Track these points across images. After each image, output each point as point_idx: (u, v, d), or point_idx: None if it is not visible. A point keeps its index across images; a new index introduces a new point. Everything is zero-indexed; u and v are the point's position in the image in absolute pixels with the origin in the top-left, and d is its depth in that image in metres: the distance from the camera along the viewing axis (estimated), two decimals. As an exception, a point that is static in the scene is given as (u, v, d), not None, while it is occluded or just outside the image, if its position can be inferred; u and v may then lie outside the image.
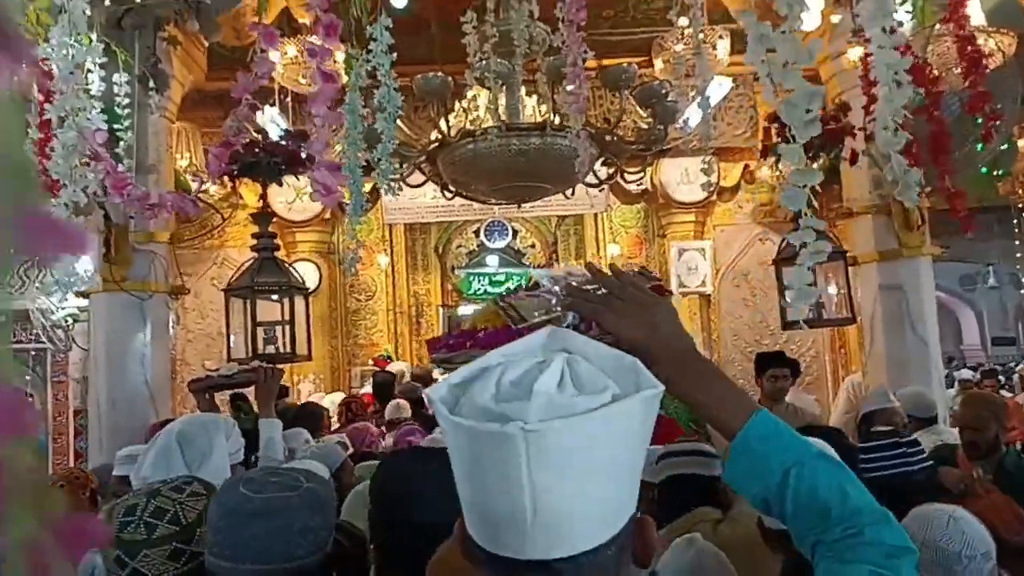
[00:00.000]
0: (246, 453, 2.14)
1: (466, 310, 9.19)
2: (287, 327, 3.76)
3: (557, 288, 1.22)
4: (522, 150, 3.40)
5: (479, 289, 8.72)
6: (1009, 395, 8.02)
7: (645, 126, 3.93)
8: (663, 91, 3.31)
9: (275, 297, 3.81)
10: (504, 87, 3.39)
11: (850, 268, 4.09)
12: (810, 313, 3.81)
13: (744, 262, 8.11)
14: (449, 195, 4.55)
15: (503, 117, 3.35)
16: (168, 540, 1.33)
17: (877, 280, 4.11)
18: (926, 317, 4.07)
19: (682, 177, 7.61)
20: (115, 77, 2.82)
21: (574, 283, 1.15)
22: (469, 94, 4.38)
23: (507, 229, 8.72)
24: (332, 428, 4.44)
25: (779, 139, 3.76)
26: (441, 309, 8.75)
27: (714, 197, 7.66)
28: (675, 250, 7.86)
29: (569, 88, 2.61)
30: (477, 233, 8.74)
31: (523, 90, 3.69)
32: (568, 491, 0.66)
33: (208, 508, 1.31)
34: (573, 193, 4.29)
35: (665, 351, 0.95)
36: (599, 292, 1.03)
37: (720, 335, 8.05)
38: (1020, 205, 6.24)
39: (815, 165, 3.89)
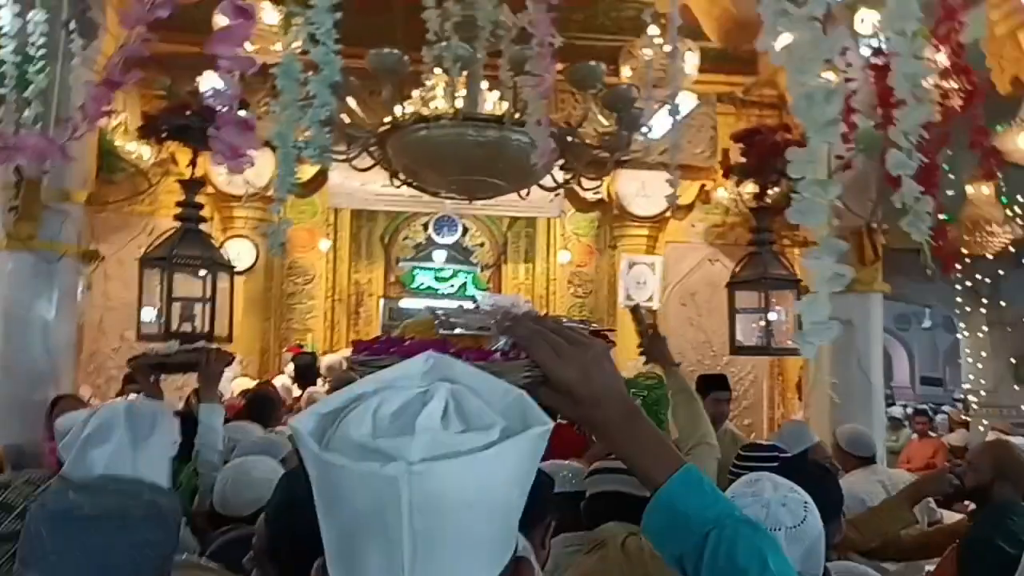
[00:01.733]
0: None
1: (408, 303, 8.95)
2: (207, 305, 3.48)
3: (497, 314, 1.16)
4: (478, 142, 3.20)
5: (423, 283, 8.49)
6: (934, 435, 8.19)
7: (608, 132, 3.79)
8: (631, 96, 3.15)
9: (201, 273, 3.52)
10: (465, 74, 3.18)
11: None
12: (758, 340, 3.71)
13: (692, 281, 8.05)
14: (398, 183, 4.32)
15: (460, 105, 3.14)
16: (10, 539, 1.20)
17: (827, 312, 4.04)
18: (872, 354, 4.01)
19: (639, 190, 7.52)
20: (31, 15, 2.52)
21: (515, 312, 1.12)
22: (428, 83, 4.17)
23: (457, 225, 8.51)
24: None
25: (743, 159, 3.65)
26: (382, 300, 8.48)
27: (668, 213, 7.60)
28: (625, 263, 7.76)
29: (533, 71, 2.42)
30: (426, 226, 8.50)
31: (485, 83, 3.49)
32: (450, 537, 0.63)
33: (29, 513, 1.12)
34: (528, 194, 4.12)
35: (595, 392, 0.91)
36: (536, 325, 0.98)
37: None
38: (964, 251, 6.28)
39: (774, 191, 3.80)
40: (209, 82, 4.49)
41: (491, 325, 1.07)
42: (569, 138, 3.40)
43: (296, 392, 5.51)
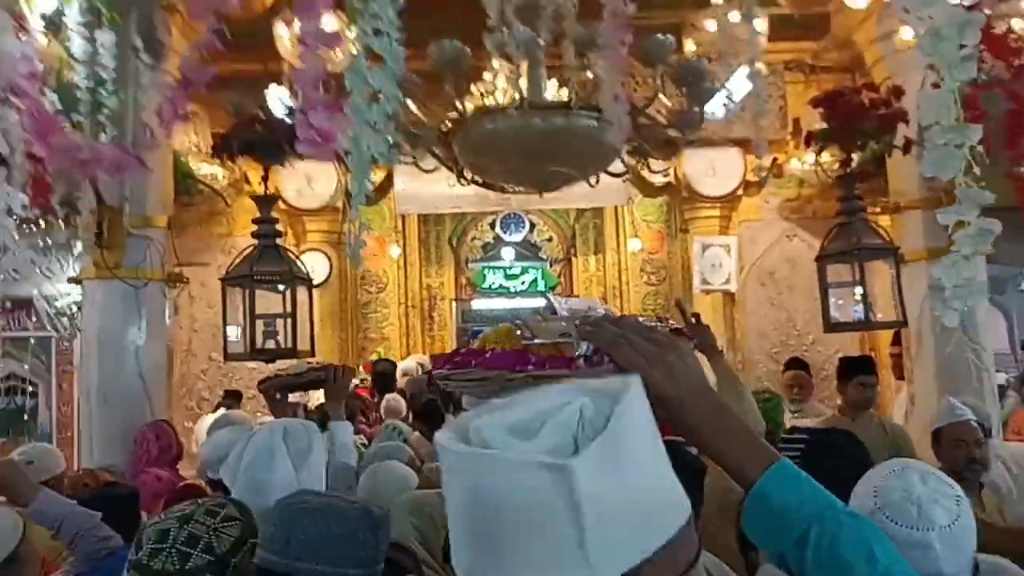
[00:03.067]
0: None
1: (480, 304, 8.93)
2: (288, 320, 3.50)
3: (575, 319, 1.17)
4: (545, 130, 3.11)
5: (494, 283, 8.45)
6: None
7: (678, 109, 3.64)
8: (703, 69, 3.00)
9: (279, 288, 3.54)
10: (527, 60, 3.09)
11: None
12: (857, 314, 3.50)
13: (770, 259, 7.77)
14: (465, 182, 4.27)
15: (524, 93, 3.06)
16: (202, 571, 1.27)
17: (926, 280, 3.79)
18: (979, 322, 3.74)
19: (707, 169, 7.30)
20: (99, 37, 2.56)
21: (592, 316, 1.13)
22: (487, 76, 4.10)
23: (524, 221, 8.43)
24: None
25: (823, 125, 3.45)
26: (454, 303, 8.48)
27: (740, 191, 7.35)
28: (698, 246, 7.54)
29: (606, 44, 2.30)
30: (493, 225, 8.46)
31: (545, 70, 3.40)
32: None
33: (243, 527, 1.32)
34: (597, 182, 4.01)
35: (681, 393, 0.90)
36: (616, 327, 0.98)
37: (744, 334, 7.72)
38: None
39: (858, 156, 3.59)
40: (275, 95, 4.54)
41: (571, 331, 1.05)
42: (641, 118, 3.28)
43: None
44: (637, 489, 0.66)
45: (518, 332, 1.10)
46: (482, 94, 3.91)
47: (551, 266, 8.54)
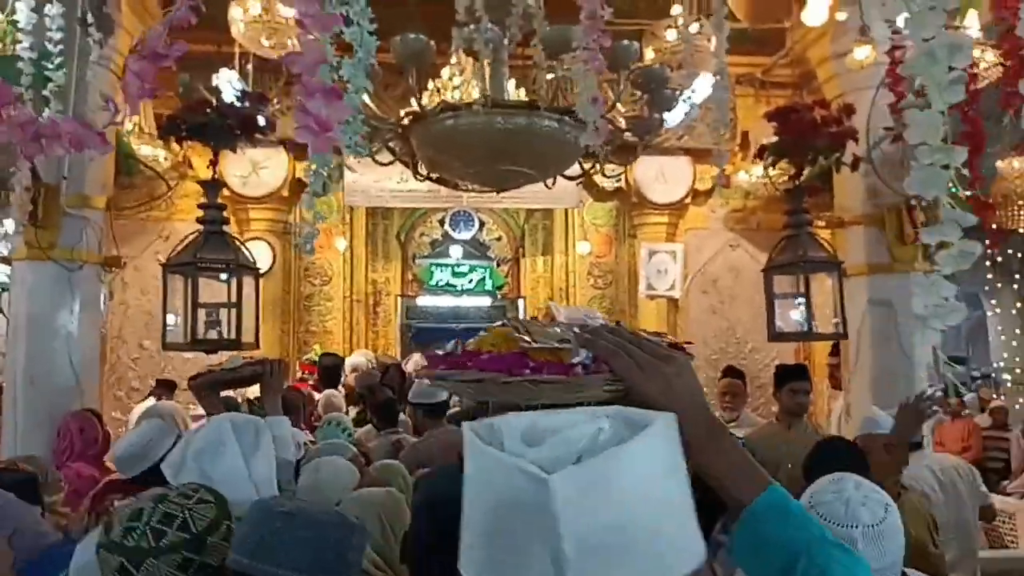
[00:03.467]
0: None
1: (425, 301, 8.86)
2: (233, 310, 3.39)
3: (572, 325, 1.16)
4: (507, 129, 3.09)
5: (441, 280, 8.39)
6: (966, 415, 8.03)
7: (635, 115, 3.67)
8: (664, 76, 3.03)
9: (222, 276, 3.43)
10: (492, 58, 3.08)
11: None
12: (801, 325, 3.59)
13: (714, 268, 7.93)
14: (420, 177, 4.21)
15: (485, 93, 3.04)
16: (177, 548, 1.25)
17: (866, 294, 3.92)
18: (914, 336, 3.88)
19: (658, 176, 7.40)
20: (47, 9, 2.43)
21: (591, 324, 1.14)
22: (444, 73, 4.06)
23: (473, 220, 8.40)
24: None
25: (776, 137, 3.52)
26: (400, 299, 8.39)
27: (687, 199, 7.48)
28: (645, 251, 7.64)
29: (581, 46, 2.30)
30: (442, 222, 8.40)
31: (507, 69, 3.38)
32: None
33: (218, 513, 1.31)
34: (554, 183, 4.02)
35: (678, 407, 0.86)
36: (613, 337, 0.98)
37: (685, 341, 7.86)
38: (994, 226, 6.13)
39: (807, 170, 3.68)
40: (225, 79, 4.39)
41: (571, 338, 1.04)
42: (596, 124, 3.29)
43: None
44: (633, 525, 0.64)
45: (516, 335, 1.06)
46: (438, 90, 3.87)
47: (499, 266, 8.53)
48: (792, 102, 3.84)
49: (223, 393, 2.50)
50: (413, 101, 3.21)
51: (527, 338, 1.17)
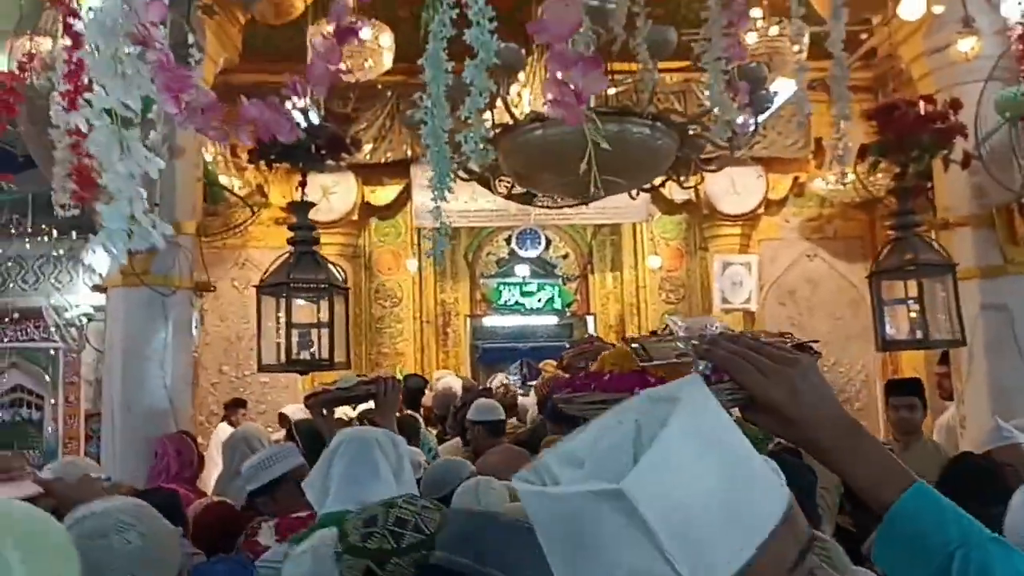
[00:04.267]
0: None
1: (491, 321, 8.82)
2: (324, 330, 3.37)
3: (691, 337, 1.17)
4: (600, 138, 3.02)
5: (509, 299, 8.34)
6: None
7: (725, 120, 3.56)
8: (763, 75, 2.92)
9: (311, 296, 3.42)
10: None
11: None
12: (916, 333, 3.40)
13: (790, 279, 7.71)
14: (500, 194, 4.18)
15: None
16: (416, 548, 1.28)
17: (979, 299, 3.70)
18: (1034, 341, 3.65)
19: (729, 187, 7.24)
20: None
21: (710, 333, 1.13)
22: (513, 89, 4.02)
23: (540, 237, 8.33)
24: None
25: (879, 137, 3.36)
26: (468, 319, 8.36)
27: (760, 209, 7.29)
28: (719, 264, 7.47)
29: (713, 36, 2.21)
30: (508, 240, 8.35)
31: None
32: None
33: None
34: (638, 195, 3.92)
35: (805, 411, 0.86)
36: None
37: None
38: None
39: (913, 168, 3.51)
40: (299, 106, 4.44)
41: (688, 350, 1.03)
42: (691, 129, 3.20)
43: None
44: (712, 493, 0.62)
45: (635, 355, 1.07)
46: (507, 106, 3.83)
47: (567, 283, 8.44)
48: (893, 99, 3.67)
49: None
50: (489, 114, 3.17)
51: (644, 354, 1.16)
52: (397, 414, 4.66)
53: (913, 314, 3.39)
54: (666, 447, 0.62)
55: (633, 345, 1.26)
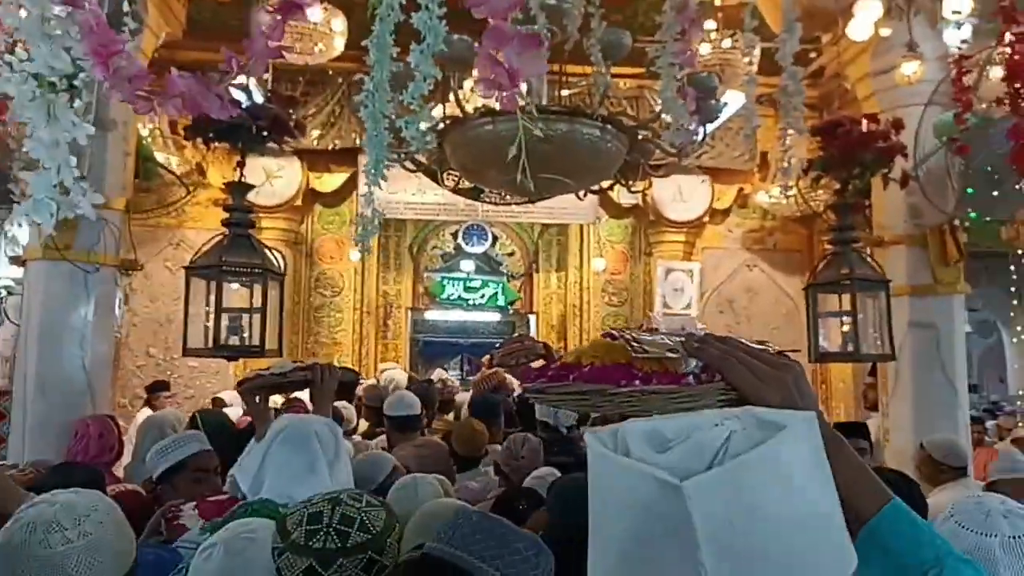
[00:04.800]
0: None
1: (433, 315, 8.73)
2: (256, 316, 3.26)
3: (679, 335, 1.14)
4: (547, 136, 2.97)
5: (453, 294, 8.26)
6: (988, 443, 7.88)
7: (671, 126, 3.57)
8: (713, 85, 2.93)
9: (245, 280, 3.30)
10: (534, 62, 2.97)
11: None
12: (848, 346, 3.47)
13: (730, 288, 7.86)
14: (449, 186, 4.11)
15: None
16: (363, 549, 1.25)
17: (908, 315, 3.81)
18: (956, 359, 3.77)
19: (676, 194, 7.33)
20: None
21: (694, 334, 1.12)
22: (467, 84, 3.96)
23: (487, 234, 8.28)
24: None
25: (822, 153, 3.42)
26: (410, 312, 8.26)
27: (705, 218, 7.39)
28: (662, 269, 7.55)
29: (668, 39, 2.19)
30: (455, 235, 8.28)
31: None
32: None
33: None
34: (586, 195, 3.90)
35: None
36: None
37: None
38: (1020, 252, 6.02)
39: (854, 185, 3.58)
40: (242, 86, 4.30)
41: (678, 347, 1.00)
42: (641, 134, 3.19)
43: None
44: (775, 534, 0.60)
45: (628, 346, 1.01)
46: (458, 101, 3.77)
47: (511, 280, 8.41)
48: (838, 116, 3.74)
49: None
50: (442, 108, 3.11)
51: (637, 346, 1.10)
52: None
53: (846, 327, 3.47)
54: (744, 469, 0.61)
55: (625, 336, 1.24)
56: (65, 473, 2.49)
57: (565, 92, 3.37)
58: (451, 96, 3.11)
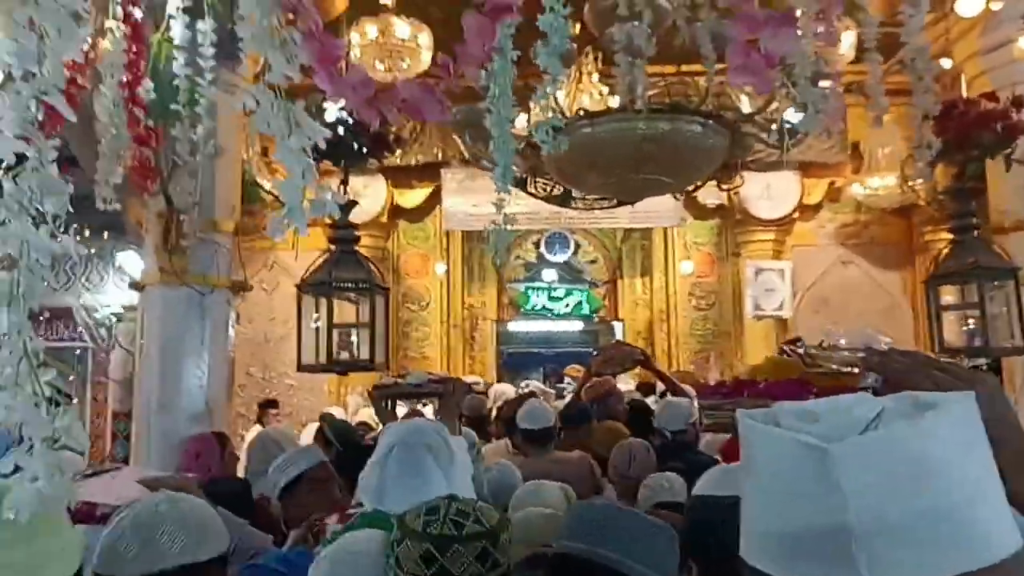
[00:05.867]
0: None
1: (516, 326, 8.76)
2: (364, 330, 3.32)
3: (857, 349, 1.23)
4: (648, 136, 2.94)
5: (537, 304, 8.27)
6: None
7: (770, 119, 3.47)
8: (820, 71, 2.83)
9: (352, 296, 3.37)
10: (632, 62, 2.94)
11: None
12: (976, 340, 3.28)
13: (824, 286, 7.59)
14: (538, 194, 4.11)
15: (633, 96, 2.89)
16: (478, 538, 1.29)
17: (1036, 304, 3.58)
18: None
19: (763, 192, 7.14)
20: (199, 25, 2.42)
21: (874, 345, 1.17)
22: (548, 89, 3.96)
23: (568, 242, 8.27)
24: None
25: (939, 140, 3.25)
26: (495, 324, 8.30)
27: (795, 215, 7.18)
28: (751, 270, 7.35)
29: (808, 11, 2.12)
30: (537, 244, 8.30)
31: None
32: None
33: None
34: (685, 194, 3.85)
35: (994, 432, 0.75)
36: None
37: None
38: None
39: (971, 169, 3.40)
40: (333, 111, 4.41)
41: (857, 362, 1.05)
42: (745, 127, 3.12)
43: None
44: (928, 504, 0.59)
45: (802, 362, 1.03)
46: (542, 109, 3.77)
47: (594, 288, 8.36)
48: (951, 98, 3.56)
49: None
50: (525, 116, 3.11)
51: (811, 362, 1.12)
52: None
53: (972, 321, 3.28)
54: (895, 438, 0.60)
55: (799, 351, 1.25)
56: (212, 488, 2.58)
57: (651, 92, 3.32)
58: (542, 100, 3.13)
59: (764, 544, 0.66)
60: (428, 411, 3.80)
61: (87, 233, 6.87)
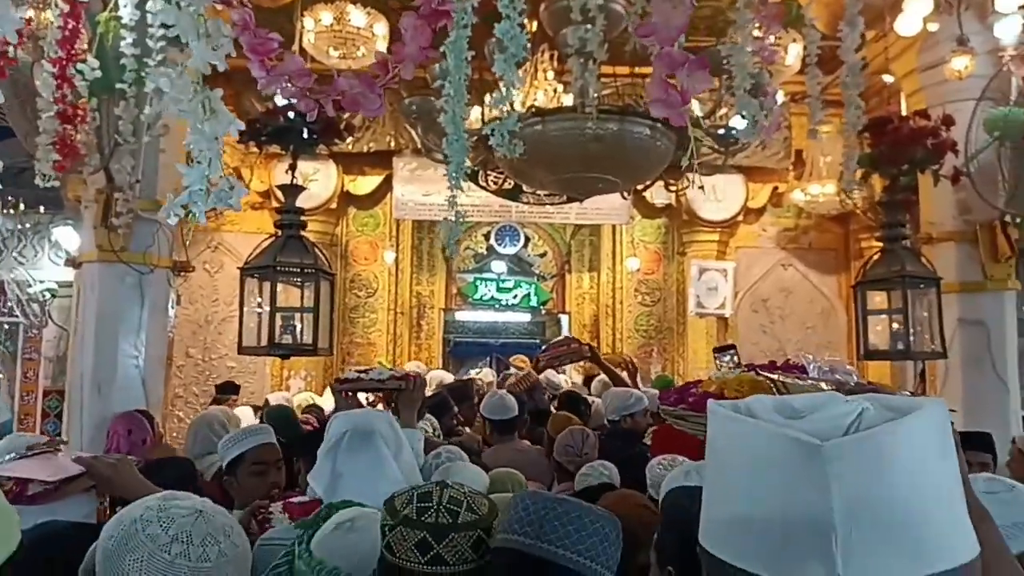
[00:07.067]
0: None
1: (464, 315, 8.77)
2: (308, 315, 3.31)
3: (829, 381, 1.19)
4: (597, 135, 3.00)
5: (485, 295, 8.29)
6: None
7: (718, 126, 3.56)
8: (765, 83, 2.92)
9: (297, 280, 3.35)
10: (586, 60, 2.99)
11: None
12: (899, 344, 3.44)
13: (764, 287, 7.80)
14: (489, 188, 4.13)
15: (582, 97, 2.94)
16: (473, 527, 1.30)
17: (957, 313, 3.77)
18: (1008, 356, 3.72)
19: (710, 194, 7.29)
20: (149, 5, 2.37)
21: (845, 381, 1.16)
22: (506, 94, 3.99)
23: (519, 235, 8.31)
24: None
25: (871, 148, 3.40)
26: (442, 312, 8.30)
27: (739, 217, 7.35)
28: (696, 269, 7.51)
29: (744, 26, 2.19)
30: (487, 236, 8.31)
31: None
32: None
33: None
34: (631, 194, 3.92)
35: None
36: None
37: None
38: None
39: (903, 181, 3.55)
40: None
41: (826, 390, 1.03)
42: (697, 132, 3.19)
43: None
44: (905, 504, 0.62)
45: (771, 388, 1.07)
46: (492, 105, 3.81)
47: (543, 281, 8.43)
48: (887, 113, 3.71)
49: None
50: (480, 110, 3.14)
51: (782, 386, 1.14)
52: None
53: (896, 325, 3.44)
54: (881, 439, 0.63)
55: (771, 377, 1.27)
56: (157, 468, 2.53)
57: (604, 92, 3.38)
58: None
59: (728, 531, 0.67)
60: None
61: (22, 207, 6.66)
